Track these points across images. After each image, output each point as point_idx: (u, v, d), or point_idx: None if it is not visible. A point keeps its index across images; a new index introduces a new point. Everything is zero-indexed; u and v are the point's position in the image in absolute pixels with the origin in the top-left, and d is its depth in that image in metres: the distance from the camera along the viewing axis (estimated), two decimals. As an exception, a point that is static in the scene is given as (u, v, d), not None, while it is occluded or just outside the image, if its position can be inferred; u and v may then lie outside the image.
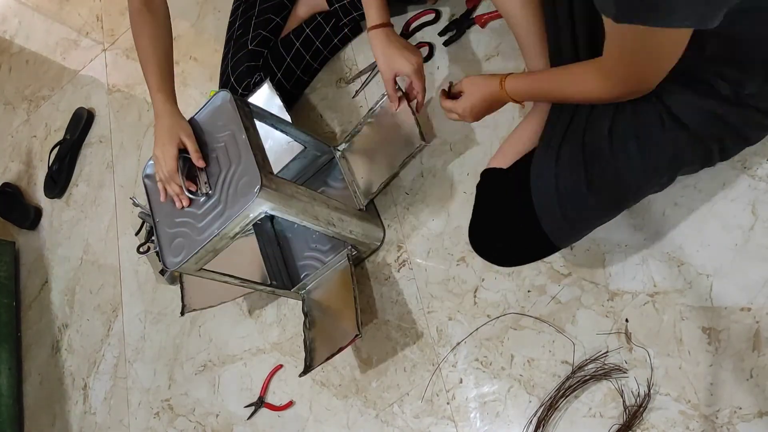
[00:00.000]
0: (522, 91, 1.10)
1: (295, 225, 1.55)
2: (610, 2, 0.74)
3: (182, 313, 1.64)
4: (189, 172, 1.27)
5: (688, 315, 1.12)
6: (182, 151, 1.27)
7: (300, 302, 1.53)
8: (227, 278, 1.37)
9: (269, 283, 1.49)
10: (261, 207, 1.18)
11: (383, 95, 1.45)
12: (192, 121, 1.31)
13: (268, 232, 1.61)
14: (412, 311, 1.40)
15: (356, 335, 1.31)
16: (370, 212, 1.51)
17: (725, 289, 1.10)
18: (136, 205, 1.90)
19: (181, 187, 1.25)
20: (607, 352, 1.17)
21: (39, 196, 2.34)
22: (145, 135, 2.13)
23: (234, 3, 1.85)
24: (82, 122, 2.29)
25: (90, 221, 2.16)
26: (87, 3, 2.58)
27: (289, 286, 1.52)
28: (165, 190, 1.28)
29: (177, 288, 1.81)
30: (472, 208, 1.23)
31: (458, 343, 1.33)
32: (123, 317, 1.94)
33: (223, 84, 1.71)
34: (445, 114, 1.24)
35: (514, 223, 1.12)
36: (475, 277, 1.33)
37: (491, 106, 1.18)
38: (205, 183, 1.24)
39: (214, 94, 1.30)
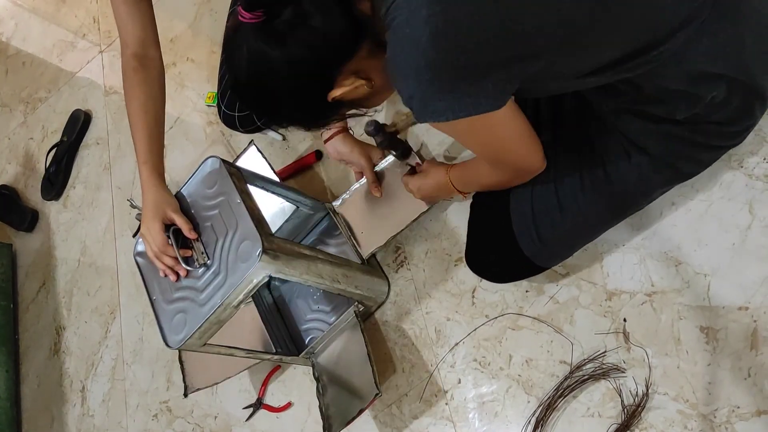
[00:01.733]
0: (458, 179, 1.20)
1: (295, 288, 1.53)
2: (410, 107, 0.84)
3: (185, 395, 1.59)
4: (183, 243, 1.21)
5: (686, 314, 1.12)
6: (171, 225, 1.22)
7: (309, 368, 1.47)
8: (233, 351, 1.30)
9: (275, 351, 1.42)
10: (264, 270, 1.12)
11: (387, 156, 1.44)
12: (180, 195, 1.26)
13: (266, 298, 1.55)
14: (411, 312, 1.40)
15: (376, 395, 1.26)
16: (373, 265, 1.47)
17: (723, 288, 1.10)
18: (133, 206, 1.89)
19: (175, 258, 1.19)
20: (605, 351, 1.17)
21: (36, 199, 2.34)
22: (143, 137, 2.13)
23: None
24: (79, 124, 2.28)
25: (87, 223, 2.15)
26: (84, 5, 2.58)
27: (295, 352, 1.46)
28: (157, 264, 1.22)
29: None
30: (469, 209, 1.24)
31: (456, 344, 1.33)
32: (121, 319, 1.93)
33: (223, 91, 1.69)
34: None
35: (503, 245, 1.16)
36: (473, 277, 1.33)
37: (439, 191, 1.27)
38: (202, 254, 1.18)
39: (202, 164, 1.24)
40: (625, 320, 1.17)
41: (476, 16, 0.76)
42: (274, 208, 1.50)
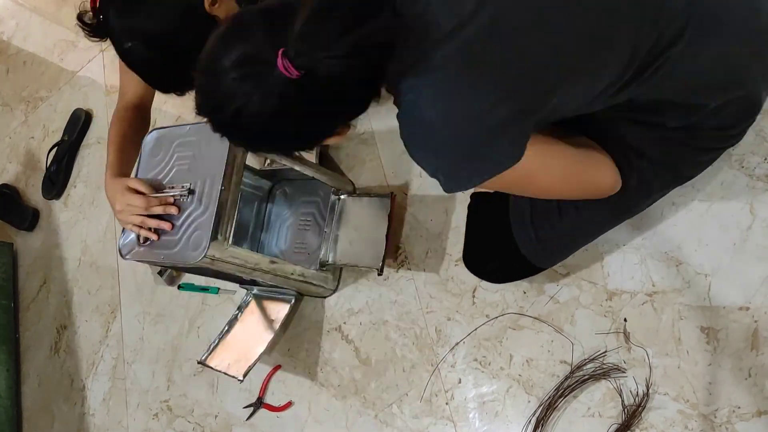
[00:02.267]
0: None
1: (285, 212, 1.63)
2: (438, 179, 0.88)
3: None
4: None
5: (687, 314, 1.12)
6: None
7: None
8: (253, 255, 1.35)
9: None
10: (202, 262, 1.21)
11: None
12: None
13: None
14: (411, 311, 1.40)
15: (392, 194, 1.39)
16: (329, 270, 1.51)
17: (723, 288, 1.10)
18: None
19: (160, 201, 1.25)
20: (605, 351, 1.17)
21: (37, 198, 2.34)
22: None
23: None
24: (79, 123, 2.28)
25: (88, 222, 2.16)
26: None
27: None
28: (149, 228, 1.26)
29: (174, 289, 1.81)
30: (467, 209, 1.24)
31: (457, 343, 1.33)
32: (121, 318, 1.93)
33: None
34: None
35: (501, 245, 1.16)
36: (473, 277, 1.33)
37: None
38: (181, 186, 1.25)
39: (143, 143, 1.35)
40: (625, 320, 1.17)
41: (477, 85, 0.79)
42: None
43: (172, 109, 2.03)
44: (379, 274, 1.32)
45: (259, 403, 1.55)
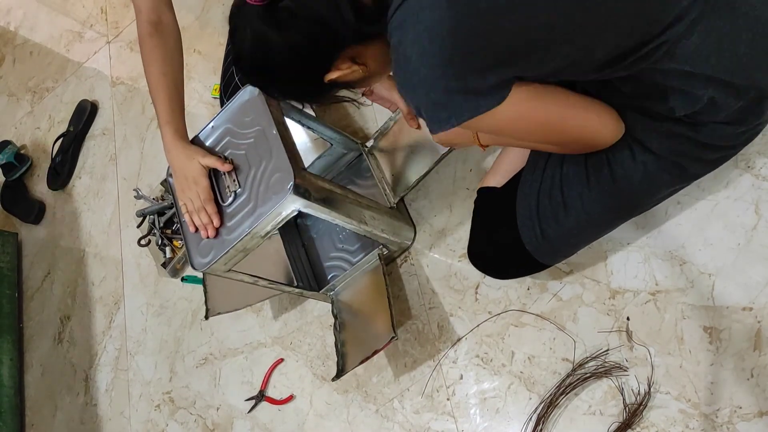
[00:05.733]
0: (493, 141, 1.15)
1: (321, 225, 1.54)
2: (421, 117, 0.88)
3: (207, 317, 1.60)
4: (215, 181, 1.22)
5: (690, 314, 1.12)
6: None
7: (329, 304, 1.49)
8: (256, 279, 1.31)
9: (296, 284, 1.44)
10: (294, 204, 1.12)
11: None
12: (219, 119, 1.27)
13: (292, 232, 1.57)
14: (414, 307, 1.41)
15: (392, 337, 1.26)
16: (401, 210, 1.47)
17: (727, 288, 1.10)
18: (139, 197, 1.90)
19: (209, 216, 1.19)
20: (607, 350, 1.17)
21: (42, 188, 2.35)
22: (149, 128, 2.14)
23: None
24: (85, 114, 2.29)
25: (92, 213, 2.16)
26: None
27: (316, 287, 1.48)
28: (192, 221, 1.22)
29: (177, 281, 1.82)
30: (473, 204, 1.24)
31: (459, 340, 1.33)
32: (125, 309, 1.94)
33: (226, 84, 1.70)
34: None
35: (506, 242, 1.15)
36: (476, 273, 1.33)
37: (459, 139, 1.20)
38: (234, 181, 1.18)
39: (241, 91, 1.25)
40: (628, 319, 1.17)
41: (458, 31, 0.79)
42: (307, 143, 1.52)
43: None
44: (396, 339, 1.28)
45: (260, 396, 1.55)
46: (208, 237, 1.20)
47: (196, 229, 1.22)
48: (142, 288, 1.92)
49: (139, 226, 1.91)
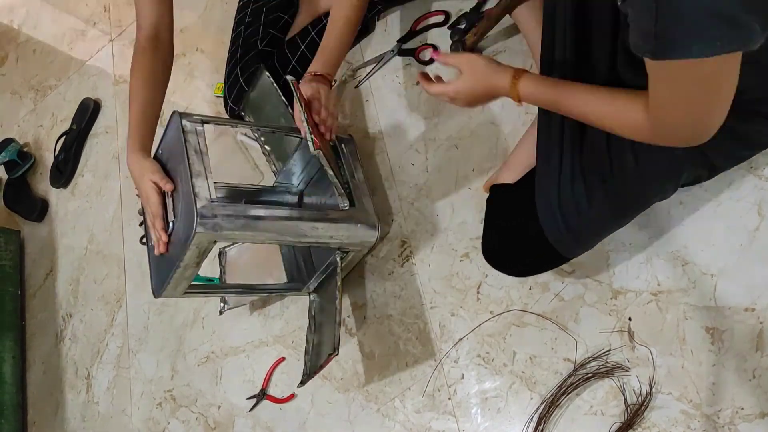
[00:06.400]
0: (536, 97, 1.02)
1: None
2: (648, 37, 0.70)
3: (221, 313, 1.62)
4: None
5: (692, 314, 1.12)
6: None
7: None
8: (216, 290, 1.34)
9: (270, 285, 1.44)
10: (205, 238, 1.13)
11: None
12: (159, 153, 1.29)
13: None
14: (415, 306, 1.41)
15: (330, 354, 1.24)
16: (361, 209, 1.39)
17: (729, 289, 1.10)
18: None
19: (158, 232, 1.22)
20: (609, 350, 1.17)
21: (44, 186, 2.35)
22: (151, 126, 2.14)
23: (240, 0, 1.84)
24: (88, 112, 2.29)
25: (95, 211, 2.16)
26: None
27: (300, 286, 1.49)
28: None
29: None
30: (476, 204, 1.24)
31: (460, 339, 1.33)
32: (127, 307, 1.94)
33: (231, 84, 1.70)
34: (433, 97, 1.16)
35: (524, 237, 1.13)
36: (478, 273, 1.33)
37: (489, 97, 1.10)
38: (172, 210, 1.21)
39: (170, 117, 1.24)
40: (630, 319, 1.17)
41: None
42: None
43: (181, 101, 2.04)
44: (335, 356, 1.26)
45: (262, 395, 1.55)
46: (161, 253, 1.22)
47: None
48: (144, 286, 1.92)
49: (141, 224, 1.91)
